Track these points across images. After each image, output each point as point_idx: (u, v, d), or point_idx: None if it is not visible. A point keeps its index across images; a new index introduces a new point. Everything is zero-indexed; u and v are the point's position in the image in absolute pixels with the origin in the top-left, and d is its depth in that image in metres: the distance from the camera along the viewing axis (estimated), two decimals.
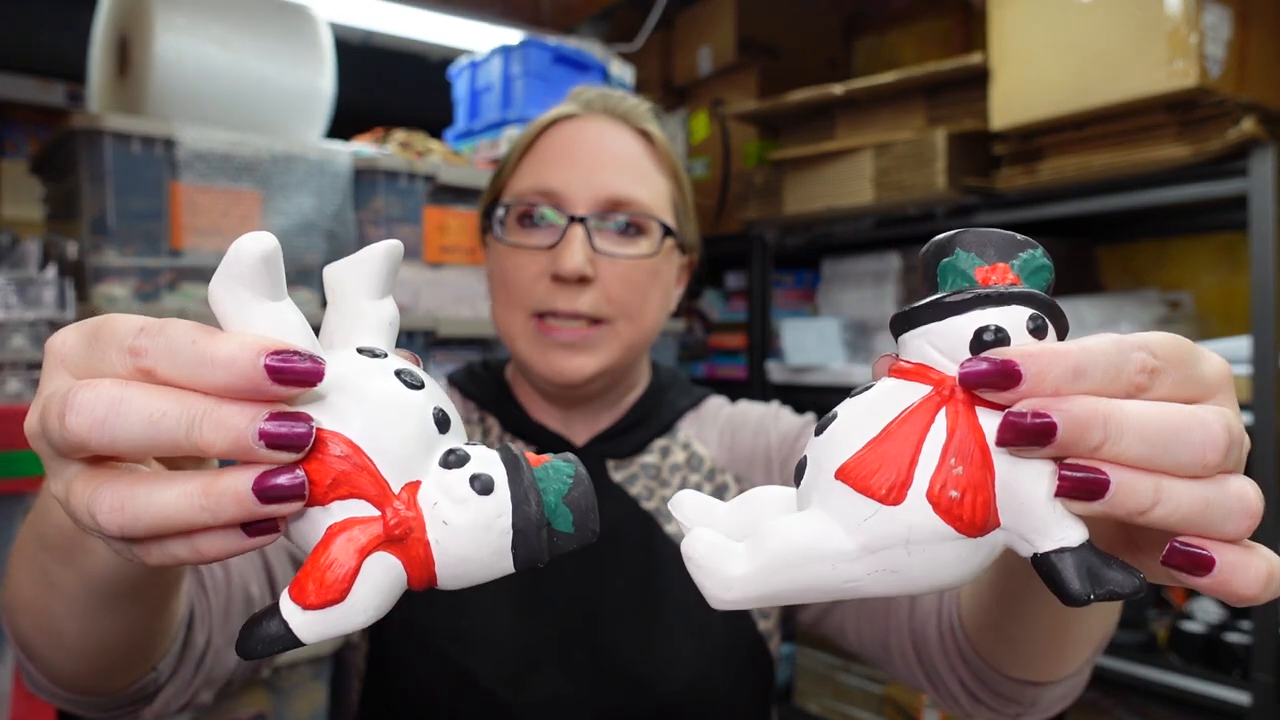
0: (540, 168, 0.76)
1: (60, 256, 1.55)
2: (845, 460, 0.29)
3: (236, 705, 1.59)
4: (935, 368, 0.29)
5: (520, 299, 0.75)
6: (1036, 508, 0.28)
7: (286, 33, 1.67)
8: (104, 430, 0.27)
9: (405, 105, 2.50)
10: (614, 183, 0.74)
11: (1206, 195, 1.49)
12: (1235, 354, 1.44)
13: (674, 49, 2.53)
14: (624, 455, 0.81)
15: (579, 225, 0.73)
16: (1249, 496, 0.28)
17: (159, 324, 0.29)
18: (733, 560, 0.29)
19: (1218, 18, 1.45)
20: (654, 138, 0.79)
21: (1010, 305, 0.28)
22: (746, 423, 0.86)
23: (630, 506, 0.78)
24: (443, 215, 1.82)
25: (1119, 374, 0.28)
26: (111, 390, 0.27)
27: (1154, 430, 0.27)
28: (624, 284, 0.74)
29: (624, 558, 0.76)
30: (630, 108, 0.80)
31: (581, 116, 0.78)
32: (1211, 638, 1.47)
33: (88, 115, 1.46)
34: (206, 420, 0.27)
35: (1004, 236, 0.30)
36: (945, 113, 1.84)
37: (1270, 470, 1.38)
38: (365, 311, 0.34)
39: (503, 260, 0.76)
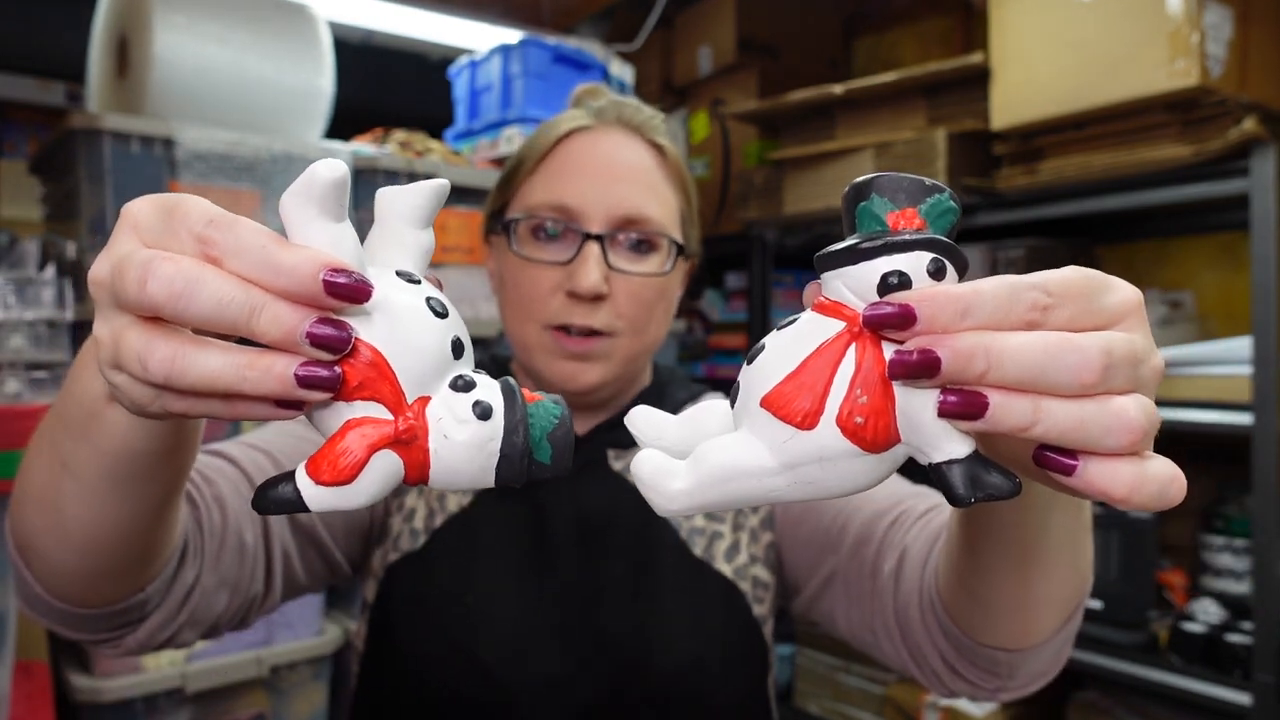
0: (555, 181, 0.76)
1: (59, 256, 1.55)
2: (768, 390, 0.33)
3: (236, 705, 1.59)
4: (849, 306, 0.33)
5: (535, 311, 0.76)
6: (926, 427, 0.32)
7: (286, 32, 1.66)
8: (178, 302, 0.31)
9: (405, 105, 2.50)
10: (628, 199, 0.75)
11: (1207, 195, 1.49)
12: (1236, 354, 1.44)
13: (674, 49, 2.53)
14: (625, 445, 0.82)
15: (595, 243, 0.74)
16: (1129, 413, 0.31)
17: (229, 220, 0.33)
18: (674, 478, 0.34)
19: (1219, 17, 1.45)
20: (666, 150, 0.80)
21: (913, 251, 0.32)
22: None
23: (630, 493, 0.79)
24: (442, 215, 1.81)
25: (1009, 311, 0.31)
26: (191, 269, 0.32)
27: (1030, 357, 0.30)
28: (634, 300, 0.76)
29: (622, 542, 0.78)
30: (644, 120, 0.80)
31: (596, 129, 0.78)
32: (1212, 638, 1.47)
33: (87, 115, 1.45)
34: (265, 312, 0.32)
35: (914, 181, 0.33)
36: (945, 113, 1.84)
37: (1271, 471, 1.37)
38: (407, 237, 0.38)
39: (516, 272, 0.77)
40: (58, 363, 1.34)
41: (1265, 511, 1.38)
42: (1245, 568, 1.60)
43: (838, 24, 2.55)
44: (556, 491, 0.79)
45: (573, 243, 0.75)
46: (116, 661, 1.46)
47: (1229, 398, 1.44)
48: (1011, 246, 1.91)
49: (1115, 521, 1.62)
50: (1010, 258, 1.91)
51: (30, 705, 1.27)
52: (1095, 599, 1.63)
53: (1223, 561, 1.63)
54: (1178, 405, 1.50)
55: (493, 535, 0.77)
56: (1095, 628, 1.61)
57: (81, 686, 1.43)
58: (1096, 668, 1.59)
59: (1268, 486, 1.38)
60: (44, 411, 0.48)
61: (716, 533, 0.80)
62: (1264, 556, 1.39)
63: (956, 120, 1.81)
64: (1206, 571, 1.66)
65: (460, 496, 0.79)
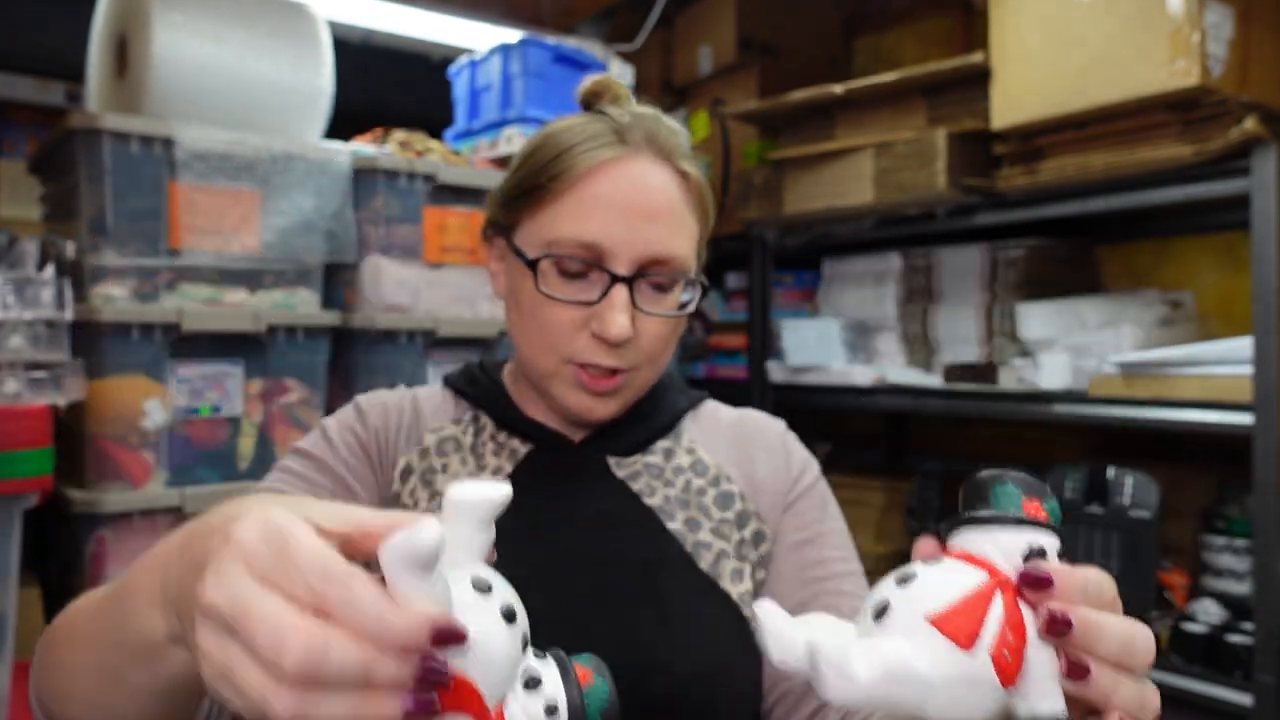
0: (582, 215, 0.73)
1: (58, 256, 1.55)
2: (938, 612, 0.40)
3: None
4: (994, 562, 0.42)
5: (556, 346, 0.75)
6: (1044, 680, 0.40)
7: (286, 32, 1.66)
8: (307, 671, 0.35)
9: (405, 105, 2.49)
10: (656, 239, 0.74)
11: (1208, 195, 1.49)
12: (1237, 354, 1.44)
13: (674, 48, 2.53)
14: (624, 453, 0.82)
15: (623, 286, 0.73)
16: (1155, 700, 0.43)
17: (341, 576, 0.36)
18: (855, 664, 0.40)
19: (1219, 17, 1.44)
20: (690, 177, 0.78)
21: (1051, 535, 0.43)
22: (756, 440, 0.87)
23: (632, 501, 0.79)
24: (442, 215, 1.81)
25: (1101, 595, 0.42)
26: (317, 640, 0.36)
27: (1120, 638, 0.41)
28: (656, 338, 0.76)
29: (625, 550, 0.77)
30: (674, 146, 0.78)
31: (625, 158, 0.75)
32: (1213, 638, 1.47)
33: (86, 115, 1.45)
34: (381, 670, 0.36)
35: (1039, 484, 0.45)
36: (946, 112, 1.83)
37: (1272, 471, 1.37)
38: (476, 539, 0.43)
39: (537, 305, 0.75)
40: (56, 363, 1.34)
41: (1266, 512, 1.38)
42: (1246, 568, 1.60)
43: (838, 23, 2.55)
44: (560, 501, 0.78)
45: (598, 282, 0.74)
46: None
47: (1230, 398, 1.43)
48: (1012, 246, 1.91)
49: (1116, 522, 1.62)
50: (1010, 257, 1.91)
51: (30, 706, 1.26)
52: None
53: (1224, 562, 1.63)
54: (1178, 405, 1.50)
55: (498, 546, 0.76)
56: None
57: None
58: None
59: (1268, 487, 1.37)
60: (43, 412, 0.48)
61: (723, 551, 0.79)
62: (1265, 557, 1.39)
63: (957, 120, 1.80)
64: (1207, 572, 1.66)
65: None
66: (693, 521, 0.79)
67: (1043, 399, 1.69)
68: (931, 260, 2.05)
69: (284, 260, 1.63)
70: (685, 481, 0.82)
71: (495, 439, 0.82)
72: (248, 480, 1.58)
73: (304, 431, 1.66)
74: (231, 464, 1.58)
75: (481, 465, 0.80)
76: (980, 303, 1.95)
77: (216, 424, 1.57)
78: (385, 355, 1.74)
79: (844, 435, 2.65)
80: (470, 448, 0.81)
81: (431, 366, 1.81)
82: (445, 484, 0.77)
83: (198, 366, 1.54)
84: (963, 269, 1.99)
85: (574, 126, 0.77)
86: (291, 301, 1.65)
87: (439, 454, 0.80)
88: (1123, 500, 1.62)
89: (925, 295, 2.08)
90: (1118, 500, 1.62)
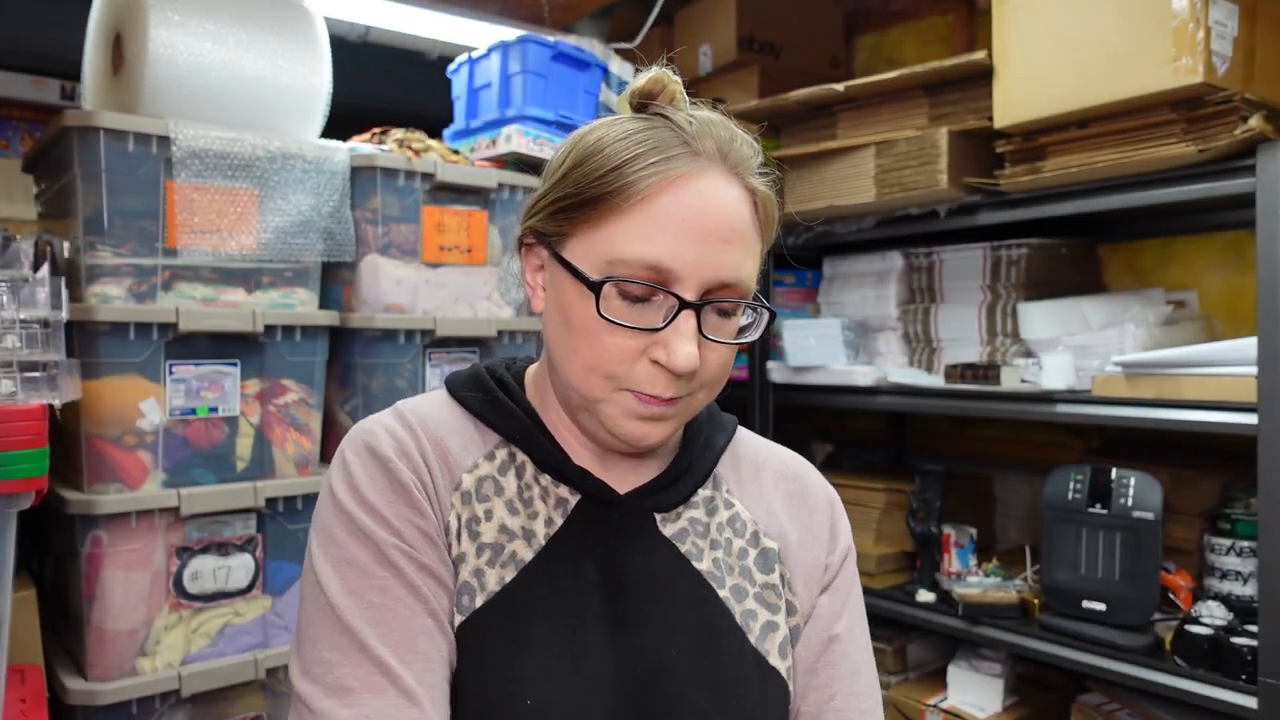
0: (650, 234, 0.67)
1: (54, 255, 1.54)
2: None
3: (233, 708, 1.57)
4: None
5: (612, 372, 0.70)
6: None
7: (283, 29, 1.65)
8: None
9: (403, 103, 2.48)
10: (726, 263, 0.69)
11: (1212, 193, 1.48)
12: (1242, 354, 1.43)
13: (674, 47, 2.52)
14: (669, 508, 0.78)
15: (690, 314, 0.68)
16: None
17: None
18: None
19: (1224, 14, 1.43)
20: (758, 194, 0.73)
21: None
22: (802, 505, 0.84)
23: (683, 565, 0.76)
24: (441, 214, 1.80)
25: None
26: None
27: None
28: (718, 364, 0.72)
29: (678, 620, 0.74)
30: (746, 160, 0.72)
31: (697, 174, 0.69)
32: (1218, 640, 1.46)
33: (81, 113, 1.44)
34: None
35: None
36: (948, 110, 1.82)
37: (1277, 472, 1.36)
38: None
39: (595, 329, 0.69)
40: (52, 362, 1.33)
41: (1271, 513, 1.37)
42: (1250, 570, 1.59)
43: (839, 21, 2.54)
44: (611, 559, 0.74)
45: (662, 306, 0.69)
46: (112, 665, 1.45)
47: (1234, 399, 1.42)
48: (1014, 245, 1.90)
49: (1120, 523, 1.61)
50: (1013, 257, 1.90)
51: (24, 708, 1.26)
52: (1099, 601, 1.62)
53: (1228, 563, 1.62)
54: (1182, 406, 1.49)
55: (542, 614, 0.72)
56: (1099, 630, 1.60)
57: (76, 689, 1.41)
58: (1100, 670, 1.58)
59: (1273, 488, 1.37)
60: (38, 412, 0.47)
61: (770, 623, 0.77)
62: (1270, 558, 1.38)
63: (959, 118, 1.79)
64: (1212, 573, 1.65)
65: (502, 571, 0.72)
66: (739, 589, 0.77)
67: (1045, 399, 1.68)
68: (933, 259, 2.04)
69: (281, 259, 1.62)
70: (728, 540, 0.79)
71: (539, 482, 0.76)
72: (245, 481, 1.57)
73: (303, 431, 1.65)
74: (229, 464, 1.57)
75: (533, 514, 0.75)
76: (982, 302, 1.94)
77: (214, 424, 1.56)
78: (383, 355, 1.73)
79: (844, 435, 2.64)
80: (517, 494, 0.75)
81: (430, 366, 1.80)
82: (491, 534, 0.73)
83: (195, 366, 1.53)
84: (965, 268, 1.98)
85: (635, 134, 0.70)
86: (289, 301, 1.64)
87: (480, 499, 0.74)
88: (1126, 501, 1.61)
89: (927, 295, 2.07)
90: (1121, 501, 1.61)
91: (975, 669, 1.90)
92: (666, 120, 0.71)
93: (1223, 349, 1.46)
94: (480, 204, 1.86)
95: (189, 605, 1.52)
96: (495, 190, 1.87)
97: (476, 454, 0.76)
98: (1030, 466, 2.15)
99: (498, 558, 0.73)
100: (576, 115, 2.00)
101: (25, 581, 1.48)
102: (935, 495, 1.90)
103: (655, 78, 0.74)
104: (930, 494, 1.90)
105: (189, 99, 1.53)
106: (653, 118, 0.72)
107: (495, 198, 1.88)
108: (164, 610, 1.49)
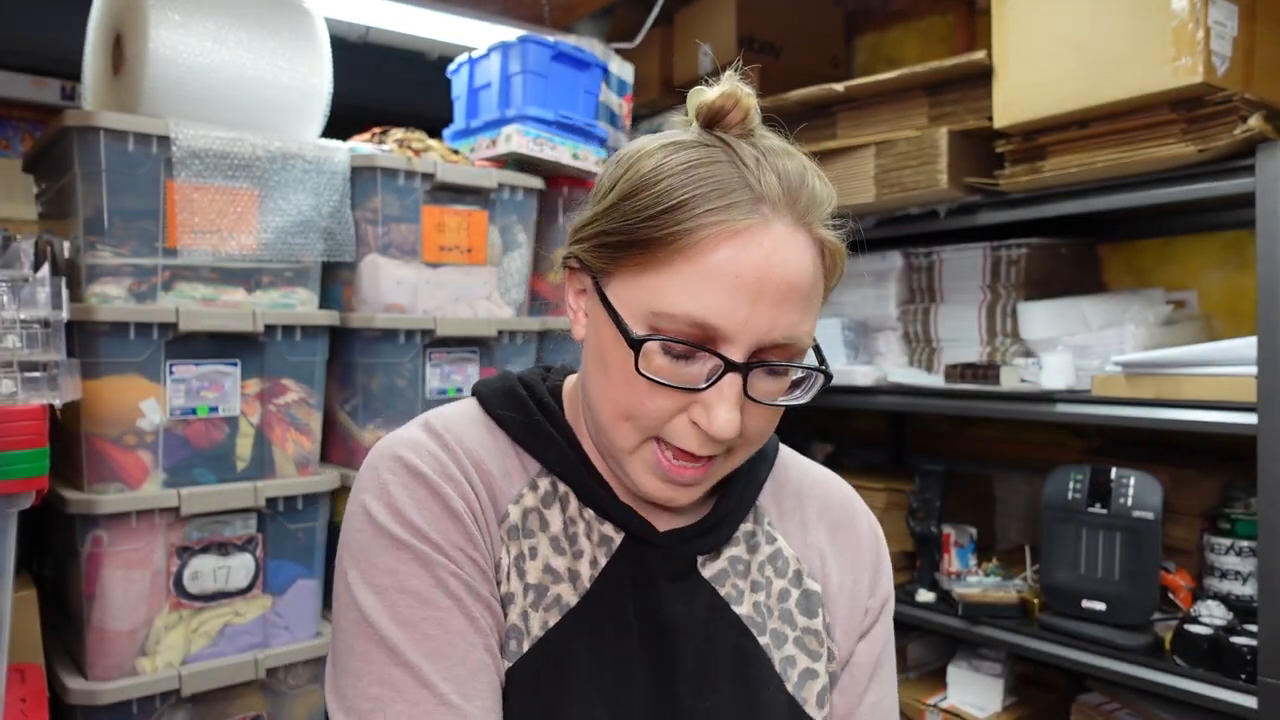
0: (701, 289, 0.61)
1: (54, 255, 1.54)
2: None
3: (233, 708, 1.57)
4: None
5: (646, 427, 0.65)
6: None
7: (283, 29, 1.65)
8: None
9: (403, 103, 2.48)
10: (780, 324, 0.62)
11: (1212, 193, 1.47)
12: (1242, 354, 1.43)
13: (674, 47, 2.52)
14: (711, 549, 0.74)
15: (736, 376, 0.62)
16: None
17: None
18: None
19: (1224, 14, 1.43)
20: (827, 245, 0.66)
21: None
22: (846, 536, 0.80)
23: (723, 610, 0.73)
24: (441, 214, 1.80)
25: None
26: None
27: None
28: (762, 422, 0.67)
29: (717, 668, 0.71)
30: (816, 205, 0.65)
31: (759, 226, 0.61)
32: (1217, 640, 1.46)
33: (82, 113, 1.44)
34: None
35: None
36: (948, 110, 1.82)
37: (1277, 472, 1.36)
38: None
39: (632, 381, 0.64)
40: (52, 362, 1.33)
41: (1271, 513, 1.37)
42: (1250, 569, 1.59)
43: (839, 21, 2.54)
44: (651, 600, 0.71)
45: (706, 363, 0.63)
46: (112, 664, 1.45)
47: (1234, 398, 1.42)
48: (1014, 245, 1.90)
49: (1119, 523, 1.61)
50: (1013, 256, 1.90)
51: (24, 708, 1.26)
52: (1099, 600, 1.62)
53: (1228, 563, 1.62)
54: (1182, 406, 1.49)
55: (585, 662, 0.68)
56: (1099, 629, 1.60)
57: (76, 689, 1.41)
58: (1100, 669, 1.58)
59: (1273, 487, 1.37)
60: (39, 412, 0.46)
61: (809, 670, 0.73)
62: (1269, 558, 1.38)
63: (959, 118, 1.79)
64: (1211, 573, 1.65)
65: (545, 615, 0.69)
66: (778, 634, 0.74)
67: (1045, 399, 1.68)
68: (933, 259, 2.04)
69: (281, 259, 1.62)
70: (768, 580, 0.76)
71: (584, 517, 0.72)
72: (245, 480, 1.57)
73: (303, 431, 1.65)
74: (229, 464, 1.57)
75: (578, 553, 0.71)
76: (982, 302, 1.94)
77: (214, 424, 1.56)
78: (383, 354, 1.73)
79: (844, 435, 2.64)
80: (562, 530, 0.71)
81: (430, 366, 1.80)
82: (536, 574, 0.69)
83: (195, 366, 1.53)
84: (964, 268, 1.98)
85: (695, 167, 0.63)
86: (289, 301, 1.64)
87: (525, 534, 0.70)
88: (1126, 501, 1.61)
89: (927, 294, 2.07)
90: (1121, 501, 1.62)
91: (975, 669, 1.90)
92: (731, 152, 0.64)
93: (1222, 349, 1.46)
94: (480, 204, 1.86)
95: (189, 605, 1.52)
96: (495, 190, 1.87)
97: (520, 483, 0.71)
98: (1030, 466, 2.15)
99: (541, 600, 0.69)
100: (576, 115, 2.00)
101: (25, 581, 1.48)
102: (935, 495, 1.90)
103: (729, 93, 0.66)
104: (930, 494, 1.90)
105: (189, 99, 1.53)
106: (714, 146, 0.64)
107: (495, 198, 1.88)
108: (164, 610, 1.49)
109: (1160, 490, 1.59)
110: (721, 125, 0.66)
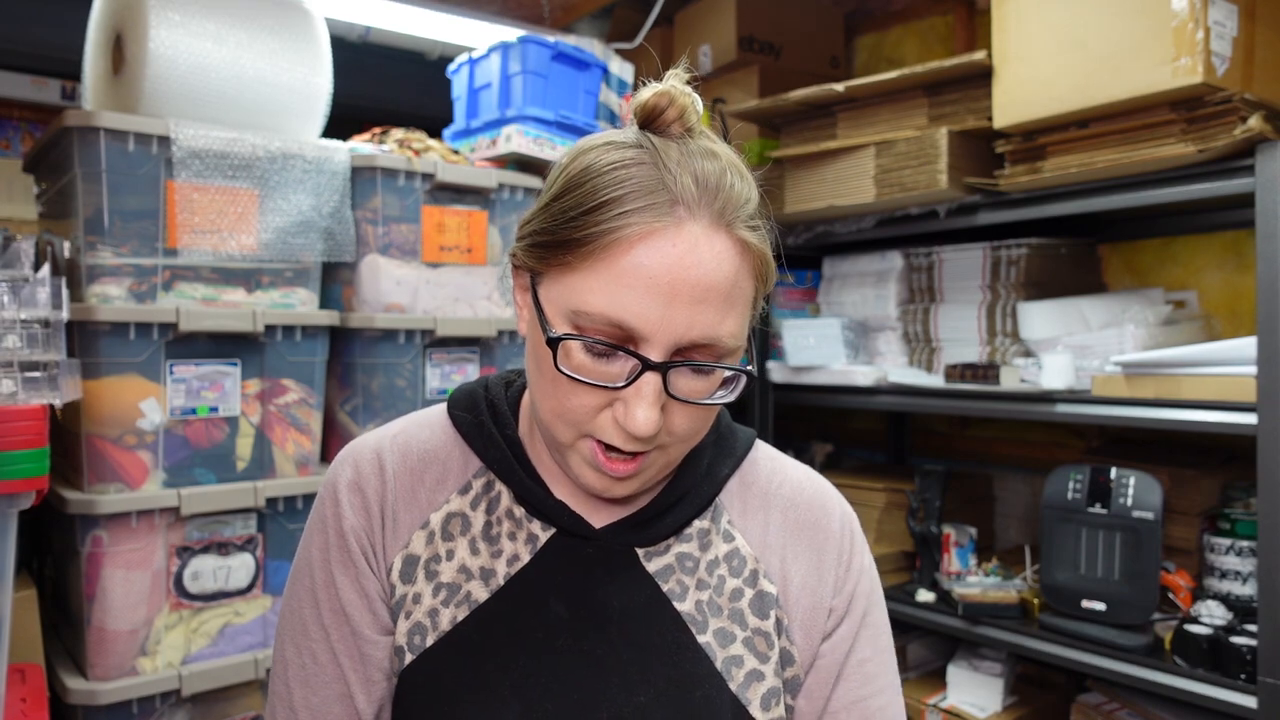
0: (617, 289, 0.62)
1: (54, 255, 1.54)
2: None
3: (233, 708, 1.57)
4: None
5: (575, 420, 0.67)
6: None
7: (283, 29, 1.65)
8: None
9: (403, 103, 2.48)
10: (701, 322, 0.62)
11: (1212, 193, 1.48)
12: (1242, 354, 1.43)
13: (674, 47, 2.52)
14: (651, 543, 0.74)
15: (655, 375, 0.63)
16: None
17: None
18: None
19: (1224, 14, 1.43)
20: (750, 245, 0.66)
21: None
22: (810, 537, 0.78)
23: (662, 605, 0.72)
24: (441, 214, 1.80)
25: None
26: None
27: None
28: (689, 419, 0.67)
29: (651, 664, 0.70)
30: (737, 209, 0.65)
31: (673, 227, 0.62)
32: (1217, 640, 1.46)
33: (82, 113, 1.44)
34: None
35: None
36: (947, 110, 1.82)
37: (1277, 472, 1.36)
38: None
39: (558, 379, 0.65)
40: (52, 362, 1.33)
41: (1271, 513, 1.37)
42: (1250, 569, 1.59)
43: (839, 21, 2.54)
44: (583, 595, 0.72)
45: (627, 363, 0.64)
46: (112, 664, 1.45)
47: (1234, 398, 1.42)
48: (1014, 245, 1.90)
49: (1119, 523, 1.61)
50: (1012, 257, 1.90)
51: (25, 708, 1.25)
52: (1099, 600, 1.62)
53: (1228, 563, 1.62)
54: (1182, 406, 1.49)
55: (495, 656, 0.71)
56: (1099, 629, 1.60)
57: (76, 689, 1.41)
58: (1100, 669, 1.58)
59: (1273, 487, 1.37)
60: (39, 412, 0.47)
61: (755, 672, 0.72)
62: (1269, 558, 1.38)
63: (959, 118, 1.79)
64: (1211, 573, 1.65)
65: (455, 611, 0.73)
66: (724, 633, 0.73)
67: (1045, 399, 1.68)
68: (933, 259, 2.04)
69: (282, 259, 1.62)
70: (720, 579, 0.75)
71: (512, 515, 0.74)
72: (245, 480, 1.57)
73: (303, 431, 1.65)
74: (229, 464, 1.57)
75: (496, 552, 0.73)
76: (982, 302, 1.94)
77: (214, 424, 1.56)
78: (383, 354, 1.73)
79: (844, 435, 2.64)
80: (482, 531, 0.74)
81: (430, 366, 1.80)
82: (450, 573, 0.72)
83: (195, 366, 1.53)
84: (964, 268, 1.98)
85: (619, 169, 0.63)
86: (289, 301, 1.64)
87: (444, 537, 0.73)
88: (1126, 501, 1.61)
89: (927, 294, 2.07)
90: (1121, 501, 1.62)
91: (975, 669, 1.90)
92: (656, 154, 0.64)
93: (1222, 349, 1.46)
94: (480, 204, 1.86)
95: (189, 605, 1.52)
96: (495, 190, 1.87)
97: (453, 486, 0.76)
98: (1030, 466, 2.15)
99: (453, 597, 0.72)
100: (576, 115, 2.00)
101: (25, 581, 1.48)
102: (935, 495, 1.90)
103: (663, 91, 0.66)
104: (930, 494, 1.91)
105: (189, 99, 1.54)
106: (644, 147, 0.65)
107: (495, 198, 1.88)
108: (164, 610, 1.49)
109: (1160, 490, 1.59)
110: (658, 124, 0.67)
